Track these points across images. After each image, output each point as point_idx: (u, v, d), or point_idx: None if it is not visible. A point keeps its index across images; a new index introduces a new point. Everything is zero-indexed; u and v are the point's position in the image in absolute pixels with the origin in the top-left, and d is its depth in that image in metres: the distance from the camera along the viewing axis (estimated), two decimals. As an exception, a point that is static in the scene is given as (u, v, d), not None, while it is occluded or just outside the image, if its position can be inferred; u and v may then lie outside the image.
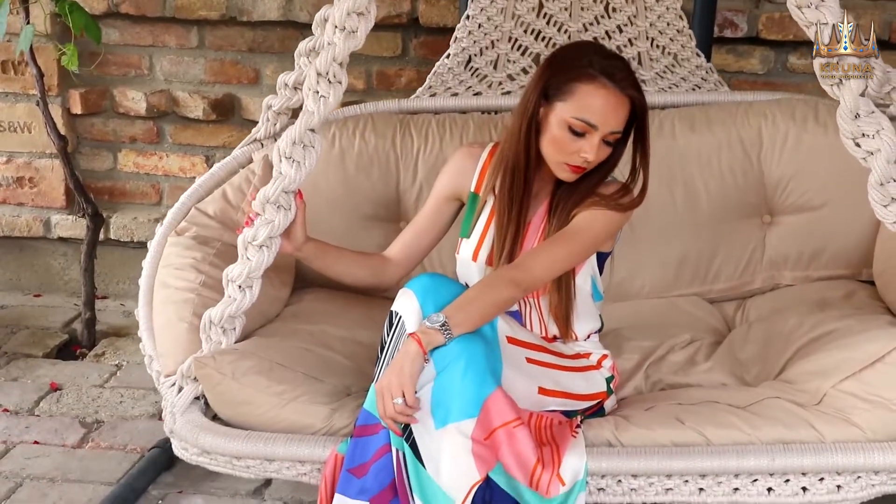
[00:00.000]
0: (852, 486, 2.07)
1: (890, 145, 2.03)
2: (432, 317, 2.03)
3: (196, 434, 2.20)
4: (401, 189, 2.84)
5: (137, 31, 3.55)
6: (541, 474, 2.02)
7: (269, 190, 2.20)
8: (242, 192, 2.74)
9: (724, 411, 2.17)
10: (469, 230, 2.34)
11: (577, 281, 2.26)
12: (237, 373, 2.18)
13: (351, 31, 2.15)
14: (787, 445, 2.06)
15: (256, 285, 2.26)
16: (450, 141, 2.83)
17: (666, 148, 2.77)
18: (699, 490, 2.10)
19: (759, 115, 2.76)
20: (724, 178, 2.76)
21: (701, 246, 2.77)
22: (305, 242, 2.30)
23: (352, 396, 2.27)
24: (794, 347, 2.38)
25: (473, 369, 2.00)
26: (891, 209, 2.08)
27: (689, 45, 2.86)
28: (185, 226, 2.64)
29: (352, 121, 2.87)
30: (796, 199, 2.74)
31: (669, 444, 2.11)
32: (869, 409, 2.08)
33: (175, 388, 2.30)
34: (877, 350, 2.14)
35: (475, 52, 2.92)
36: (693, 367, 2.47)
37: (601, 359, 2.33)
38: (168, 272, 2.51)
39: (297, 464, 2.18)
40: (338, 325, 2.56)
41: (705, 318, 2.70)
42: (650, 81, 2.90)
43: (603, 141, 2.15)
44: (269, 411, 2.18)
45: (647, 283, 2.79)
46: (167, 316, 2.41)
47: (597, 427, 2.17)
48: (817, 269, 2.74)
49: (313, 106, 2.18)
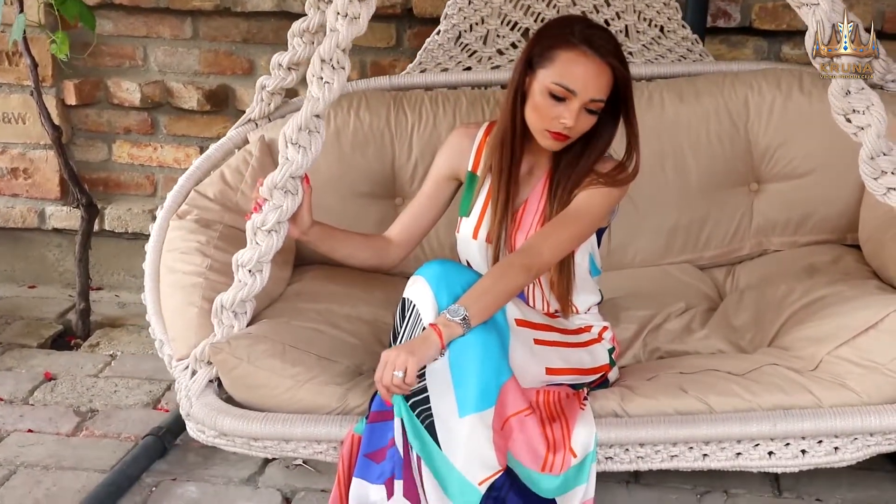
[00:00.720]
0: (849, 447, 2.17)
1: (880, 120, 2.10)
2: (452, 309, 2.06)
3: (213, 417, 2.25)
4: (396, 166, 2.88)
5: (131, 22, 3.52)
6: (553, 459, 2.10)
7: (276, 176, 2.24)
8: (240, 173, 2.77)
9: (724, 379, 2.25)
10: (469, 209, 2.38)
11: (576, 258, 2.32)
12: (252, 357, 2.23)
13: (353, 17, 2.18)
14: (786, 411, 2.16)
15: (266, 269, 2.30)
16: (443, 117, 2.87)
17: (655, 119, 2.83)
18: (703, 456, 2.20)
19: (745, 86, 2.83)
20: (712, 148, 2.83)
21: (691, 214, 2.84)
22: (311, 226, 2.34)
23: (364, 375, 2.33)
24: (786, 314, 2.46)
25: (490, 357, 2.06)
26: (881, 182, 2.15)
27: (676, 17, 2.91)
28: (185, 209, 2.67)
29: (345, 99, 2.90)
30: (783, 167, 2.82)
31: (673, 412, 2.19)
32: (864, 374, 2.17)
33: (188, 371, 2.34)
34: (870, 317, 2.23)
35: (465, 29, 2.95)
36: (689, 334, 2.55)
37: (602, 331, 2.40)
38: (174, 256, 2.54)
39: (313, 443, 2.25)
40: (341, 302, 2.61)
41: (697, 286, 2.78)
42: (637, 53, 2.96)
43: (585, 109, 2.17)
44: (285, 393, 2.24)
45: (639, 251, 2.86)
46: (176, 300, 2.44)
47: (603, 398, 2.25)
48: (804, 235, 2.83)
49: (318, 92, 2.21)
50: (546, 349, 2.23)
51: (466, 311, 2.06)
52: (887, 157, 2.14)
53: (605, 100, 2.19)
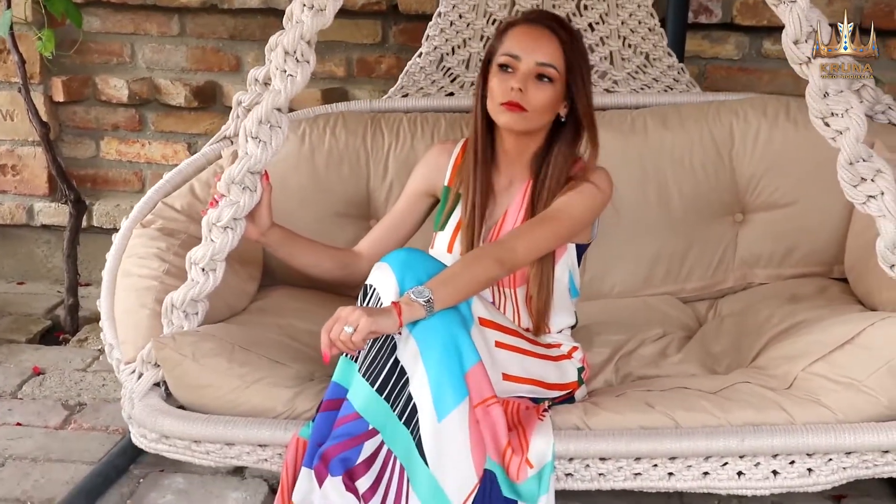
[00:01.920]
0: (823, 469, 2.03)
1: (858, 124, 2.02)
2: (417, 289, 1.97)
3: (154, 418, 2.15)
4: (371, 187, 2.81)
5: (119, 19, 3.56)
6: (511, 457, 1.99)
7: (234, 170, 2.18)
8: (210, 187, 2.71)
9: (694, 396, 2.14)
10: (443, 223, 2.33)
11: (556, 272, 2.24)
12: (198, 354, 2.14)
13: (319, 8, 2.14)
14: (756, 427, 2.03)
15: (220, 268, 2.22)
16: (421, 138, 2.81)
17: (638, 146, 2.76)
18: (668, 475, 2.07)
19: (730, 113, 2.76)
20: (696, 176, 2.75)
21: (673, 244, 2.75)
22: (271, 228, 2.27)
23: (315, 381, 2.23)
24: (765, 338, 2.36)
25: (454, 346, 1.97)
26: (860, 189, 2.06)
27: (661, 44, 2.87)
28: (150, 218, 2.62)
29: (322, 118, 2.85)
30: (768, 196, 2.73)
31: (638, 427, 2.07)
32: (839, 391, 2.05)
33: (135, 374, 2.25)
34: (846, 332, 2.12)
35: (447, 51, 2.91)
36: (664, 359, 2.44)
37: (571, 350, 2.30)
38: (132, 261, 2.48)
39: (257, 448, 2.14)
40: (305, 318, 2.52)
41: (677, 316, 2.67)
42: (622, 82, 2.90)
43: (536, 77, 2.16)
44: (230, 394, 2.14)
45: (618, 282, 2.76)
46: (128, 303, 2.37)
47: (565, 413, 2.13)
48: (789, 267, 2.73)
49: (280, 84, 2.16)
50: (506, 353, 2.12)
51: (431, 294, 1.96)
52: (867, 163, 2.05)
53: (553, 65, 2.16)
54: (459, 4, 2.86)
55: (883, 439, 1.99)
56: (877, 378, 2.02)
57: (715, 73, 3.37)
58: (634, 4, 2.83)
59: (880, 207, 2.06)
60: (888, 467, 2.04)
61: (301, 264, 2.35)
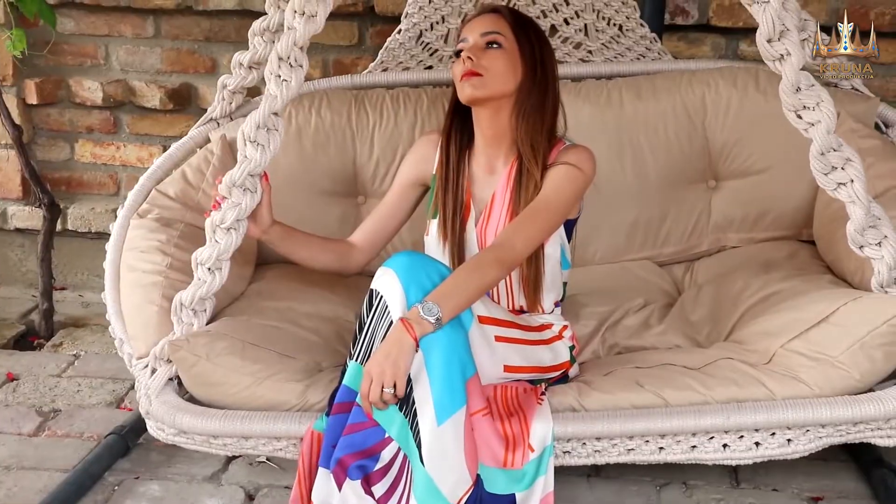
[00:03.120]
0: (801, 439, 2.19)
1: (829, 116, 2.14)
2: (426, 306, 2.03)
3: (173, 415, 2.26)
4: (358, 164, 2.90)
5: (93, 21, 3.52)
6: (513, 455, 2.12)
7: (235, 174, 2.25)
8: (201, 172, 2.78)
9: (679, 373, 2.28)
10: (434, 210, 2.41)
11: (546, 250, 2.33)
12: (212, 354, 2.24)
13: (311, 15, 2.19)
14: (740, 404, 2.18)
15: (225, 267, 2.31)
16: (404, 116, 2.89)
17: (614, 116, 2.85)
18: (659, 449, 2.22)
19: (702, 84, 2.86)
20: (670, 145, 2.85)
21: (650, 211, 2.87)
22: (272, 225, 2.35)
23: (324, 372, 2.34)
24: (742, 308, 2.50)
25: (457, 356, 2.05)
26: (831, 177, 2.19)
27: (634, 16, 2.94)
28: (146, 207, 2.68)
29: (307, 98, 2.91)
30: (740, 164, 2.85)
31: (630, 406, 2.22)
32: (815, 367, 2.20)
33: (148, 370, 2.34)
34: (821, 310, 2.26)
35: (426, 28, 2.97)
36: (647, 330, 2.58)
37: (562, 329, 2.42)
38: (134, 255, 2.55)
39: (273, 440, 2.25)
40: (302, 300, 2.63)
41: (656, 282, 2.81)
42: (596, 52, 2.99)
43: (486, 45, 2.28)
44: (245, 390, 2.25)
45: (599, 249, 2.88)
46: (136, 299, 2.45)
47: (560, 394, 2.27)
48: (761, 231, 2.86)
49: (276, 90, 2.23)
50: (506, 346, 2.24)
51: (440, 311, 2.03)
52: (837, 153, 2.17)
53: (497, 31, 2.29)
54: (439, -18, 2.91)
55: (855, 412, 2.15)
56: (849, 354, 2.18)
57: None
58: (609, -22, 2.91)
59: (850, 194, 2.19)
60: (860, 434, 2.21)
61: (299, 258, 2.45)
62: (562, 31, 2.97)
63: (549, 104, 2.34)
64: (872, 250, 2.22)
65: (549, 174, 2.30)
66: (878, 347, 2.16)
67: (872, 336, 2.16)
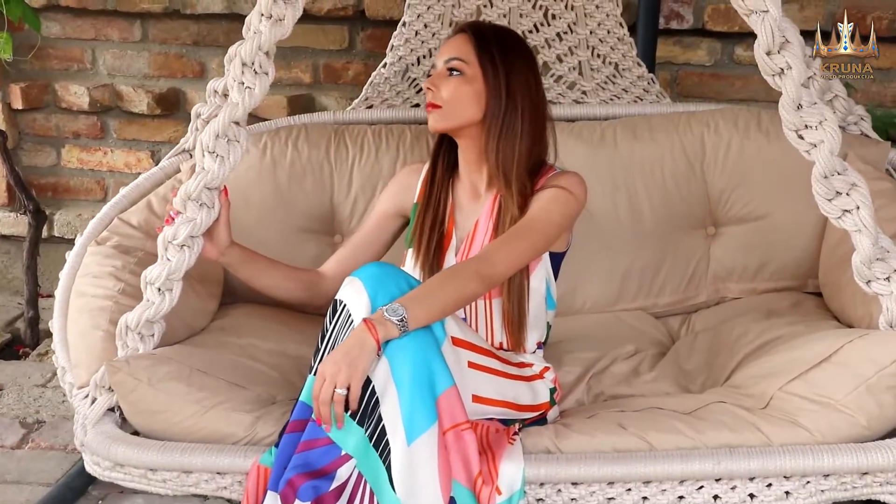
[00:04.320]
0: (801, 491, 1.97)
1: (833, 136, 1.98)
2: (391, 306, 1.89)
3: (108, 445, 2.06)
4: (335, 201, 2.74)
5: (79, 25, 3.51)
6: (482, 486, 1.92)
7: (190, 186, 2.11)
8: (168, 202, 2.62)
9: (667, 417, 2.07)
10: (412, 240, 2.28)
11: (531, 282, 2.18)
12: (153, 378, 2.06)
13: (277, 18, 2.07)
14: (732, 449, 1.97)
15: (177, 288, 2.14)
16: (385, 151, 2.74)
17: (608, 157, 2.70)
18: (643, 499, 2.00)
19: (701, 124, 2.71)
20: (667, 188, 2.69)
21: (645, 258, 2.69)
22: (230, 246, 2.20)
23: (277, 405, 2.15)
24: (740, 355, 2.30)
25: (426, 369, 1.89)
26: (835, 203, 2.02)
27: (630, 53, 2.81)
28: (106, 235, 2.54)
29: (284, 130, 2.78)
30: (740, 209, 2.68)
31: (611, 450, 2.01)
32: (816, 410, 1.99)
33: (88, 399, 2.16)
34: (823, 350, 2.06)
35: (412, 62, 2.85)
36: (637, 377, 2.38)
37: (543, 370, 2.24)
38: (86, 281, 2.39)
39: (216, 476, 2.05)
40: (267, 338, 2.45)
41: (650, 332, 2.61)
42: (591, 93, 2.85)
43: (447, 73, 2.19)
44: (188, 419, 2.06)
45: (589, 297, 2.70)
46: (81, 325, 2.28)
47: (536, 435, 2.06)
48: (763, 282, 2.67)
49: (238, 97, 2.10)
50: (479, 374, 2.05)
51: (406, 312, 1.88)
52: (842, 177, 2.00)
53: (459, 57, 2.18)
54: (424, 14, 2.79)
55: (862, 461, 1.93)
56: (855, 397, 1.97)
57: (687, 79, 3.34)
58: (603, 14, 2.78)
59: (856, 222, 2.01)
60: (867, 489, 1.98)
61: (263, 285, 2.28)
62: (555, 68, 2.84)
63: (524, 129, 2.19)
64: (880, 285, 2.03)
65: (536, 197, 2.17)
66: (888, 390, 1.96)
67: (880, 377, 1.95)
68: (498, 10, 2.78)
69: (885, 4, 3.13)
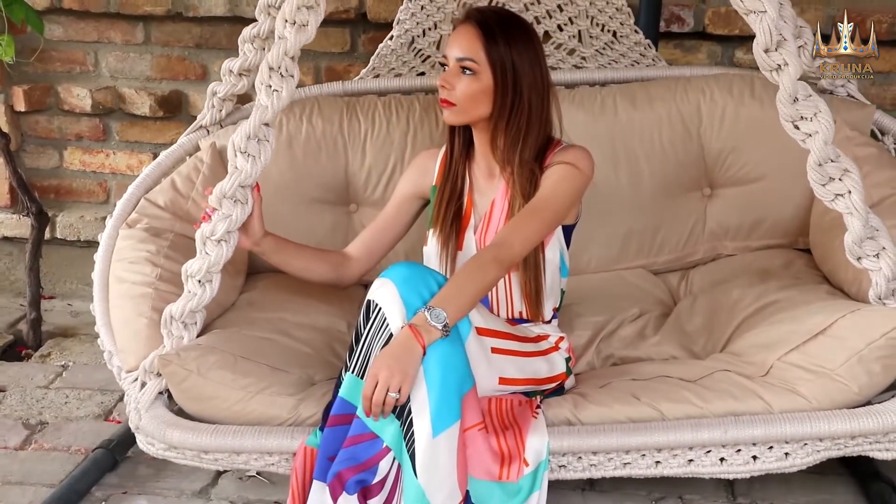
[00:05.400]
0: (799, 452, 2.17)
1: (827, 127, 2.12)
2: (434, 312, 2.02)
3: (163, 430, 2.22)
4: (349, 172, 2.86)
5: (82, 27, 3.48)
6: (508, 469, 2.09)
7: (225, 185, 2.22)
8: (191, 180, 2.74)
9: (676, 386, 2.25)
10: (434, 220, 2.41)
11: (546, 255, 2.33)
12: (202, 368, 2.21)
13: (301, 24, 2.16)
14: (737, 417, 2.16)
15: (216, 280, 2.28)
16: (396, 123, 2.86)
17: (608, 125, 2.83)
18: (656, 463, 2.19)
19: (697, 91, 2.83)
20: (665, 153, 2.83)
21: (645, 219, 2.84)
22: (263, 236, 2.33)
23: (317, 386, 2.32)
24: (738, 319, 2.47)
25: (455, 369, 2.04)
26: (829, 188, 2.17)
27: (628, 22, 2.92)
28: (135, 217, 2.65)
29: (298, 105, 2.88)
30: (735, 172, 2.82)
31: (626, 420, 2.19)
32: (813, 380, 2.18)
33: (138, 383, 2.31)
34: (819, 323, 2.24)
35: (418, 34, 2.94)
36: (643, 340, 2.55)
37: (558, 340, 2.40)
38: (123, 266, 2.51)
39: (264, 455, 2.22)
40: (295, 311, 2.59)
41: (651, 291, 2.78)
42: (590, 58, 2.96)
43: (460, 70, 2.26)
44: (236, 405, 2.22)
45: (593, 257, 2.85)
46: (125, 311, 2.41)
47: (556, 406, 2.24)
48: (756, 239, 2.83)
49: (266, 100, 2.20)
50: (502, 358, 2.21)
51: (447, 317, 2.03)
52: (835, 164, 2.15)
53: (471, 58, 2.26)
54: (430, -13, 2.88)
55: (854, 426, 2.13)
56: (848, 367, 2.15)
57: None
58: (602, -16, 2.88)
59: (848, 205, 2.16)
60: (858, 447, 2.18)
61: (293, 269, 2.42)
62: (555, 37, 2.94)
63: (532, 122, 2.30)
64: (870, 262, 2.20)
65: (546, 174, 2.29)
66: (877, 361, 2.14)
67: (871, 349, 2.14)
68: (501, -16, 2.87)
69: (884, 8, 3.17)
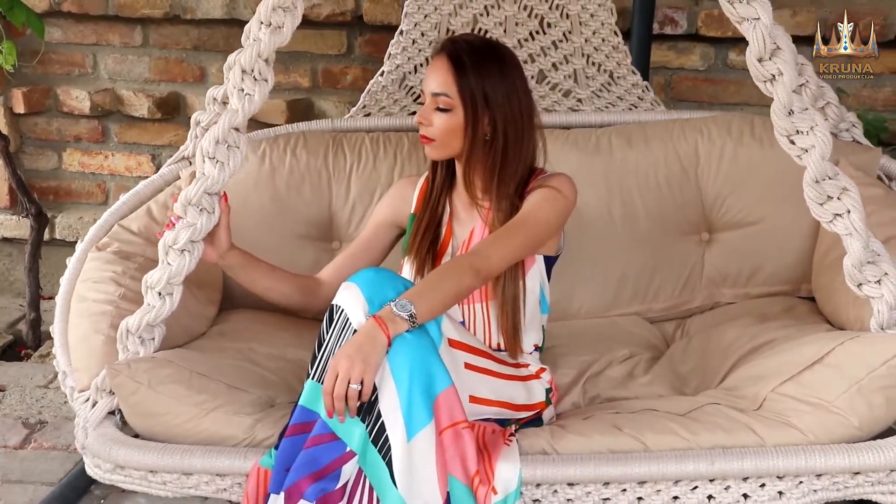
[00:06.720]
0: (794, 491, 1.99)
1: (824, 141, 2.00)
2: (399, 302, 1.94)
3: (108, 447, 2.08)
4: (333, 208, 2.76)
5: (80, 30, 3.55)
6: (479, 484, 1.95)
7: (190, 191, 2.12)
8: (167, 208, 2.66)
9: (662, 418, 2.10)
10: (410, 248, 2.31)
11: (527, 283, 2.22)
12: (154, 381, 2.08)
13: (277, 26, 2.10)
14: (726, 449, 1.99)
15: (177, 292, 2.16)
16: (383, 158, 2.77)
17: (603, 164, 2.73)
18: (638, 499, 2.02)
19: (695, 131, 2.73)
20: (661, 195, 2.72)
21: (640, 264, 2.71)
22: (230, 250, 2.22)
23: (276, 407, 2.18)
24: (734, 358, 2.32)
25: (425, 369, 1.93)
26: (827, 207, 2.04)
27: (625, 62, 2.84)
28: (106, 241, 2.57)
29: (283, 138, 2.80)
30: (734, 214, 2.70)
31: (606, 451, 2.03)
32: (809, 412, 2.02)
33: (89, 403, 2.18)
34: (815, 352, 2.09)
35: (409, 70, 2.87)
36: (632, 380, 2.40)
37: (539, 371, 2.27)
38: (86, 286, 2.42)
39: (216, 478, 2.07)
40: (266, 342, 2.47)
41: (645, 336, 2.64)
42: (586, 100, 2.88)
43: (436, 109, 2.19)
44: (188, 422, 2.08)
45: (584, 303, 2.72)
46: (83, 329, 2.30)
47: (532, 436, 2.09)
48: (756, 286, 2.69)
49: (237, 104, 2.12)
50: (475, 375, 2.08)
51: (414, 308, 1.93)
52: (832, 182, 2.03)
53: (444, 93, 2.19)
54: (421, 23, 2.82)
55: (854, 461, 1.96)
56: (846, 398, 1.99)
57: (681, 84, 3.37)
58: (598, 22, 2.81)
59: (847, 225, 2.04)
60: (859, 489, 2.01)
61: (261, 289, 2.30)
62: (550, 76, 2.87)
63: (509, 155, 2.21)
64: (871, 288, 2.06)
65: (528, 198, 2.21)
66: (878, 391, 1.98)
67: (871, 378, 1.98)
68: (494, 18, 2.81)
69: (876, 10, 3.16)
